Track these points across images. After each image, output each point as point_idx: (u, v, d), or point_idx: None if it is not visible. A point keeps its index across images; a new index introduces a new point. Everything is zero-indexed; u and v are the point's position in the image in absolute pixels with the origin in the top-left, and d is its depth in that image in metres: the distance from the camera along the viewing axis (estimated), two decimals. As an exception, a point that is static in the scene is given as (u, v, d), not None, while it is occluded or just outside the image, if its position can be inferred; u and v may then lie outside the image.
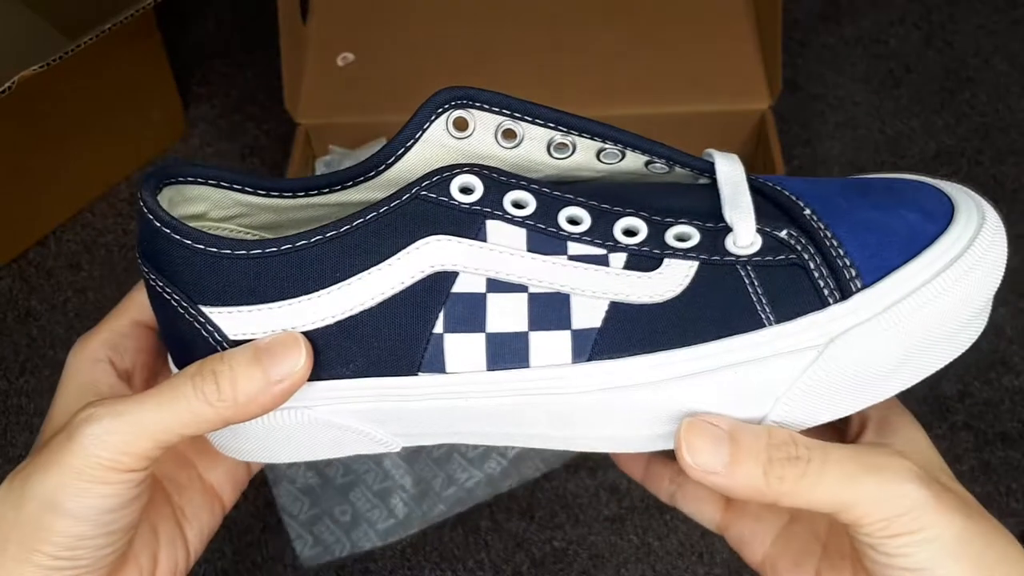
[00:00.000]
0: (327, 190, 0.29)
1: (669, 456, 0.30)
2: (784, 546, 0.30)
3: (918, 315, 0.25)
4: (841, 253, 0.25)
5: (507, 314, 0.26)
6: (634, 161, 0.28)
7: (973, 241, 0.25)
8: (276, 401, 0.26)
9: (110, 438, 0.25)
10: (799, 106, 0.88)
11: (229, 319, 0.27)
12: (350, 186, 0.29)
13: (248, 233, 0.31)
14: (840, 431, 0.30)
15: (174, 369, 0.29)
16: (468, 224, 0.26)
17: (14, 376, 0.77)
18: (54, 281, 0.82)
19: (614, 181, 0.29)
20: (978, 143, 0.86)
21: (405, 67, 0.77)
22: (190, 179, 0.29)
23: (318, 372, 0.27)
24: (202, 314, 0.27)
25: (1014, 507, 0.69)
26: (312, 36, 0.79)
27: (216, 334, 0.27)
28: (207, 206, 0.30)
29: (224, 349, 0.27)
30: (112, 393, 0.29)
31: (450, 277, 0.26)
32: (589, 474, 0.70)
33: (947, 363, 0.26)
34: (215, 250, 0.26)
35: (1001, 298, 0.75)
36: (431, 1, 0.81)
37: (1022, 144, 0.86)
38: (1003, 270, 0.26)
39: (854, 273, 0.25)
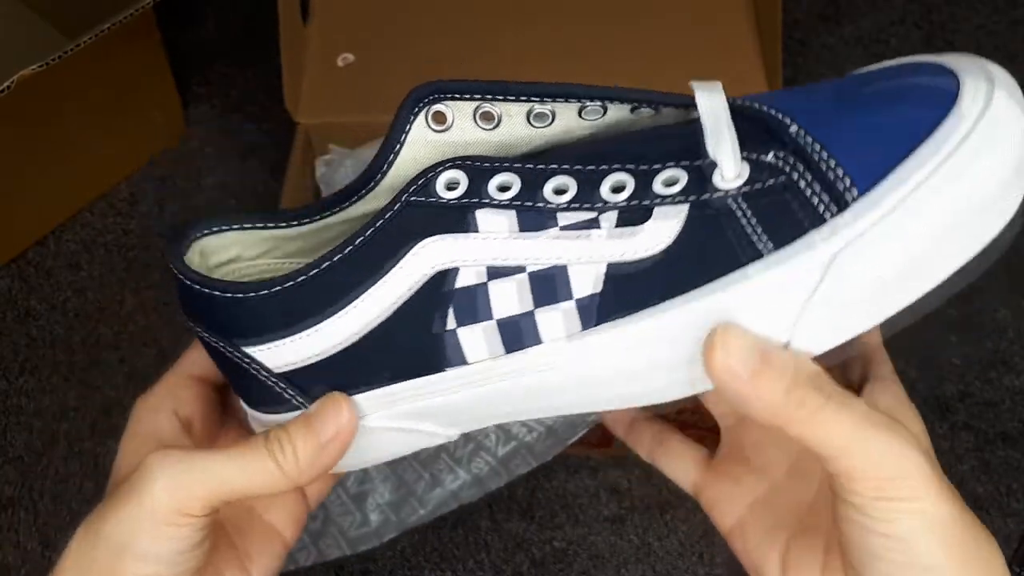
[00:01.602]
0: (337, 209, 0.30)
1: (654, 417, 0.34)
2: (759, 513, 0.31)
3: (920, 215, 0.23)
4: (832, 164, 0.24)
5: (510, 298, 0.27)
6: (619, 111, 0.28)
7: (977, 123, 0.23)
8: (333, 458, 0.28)
9: (181, 482, 0.27)
10: (799, 106, 0.88)
11: (268, 354, 0.28)
12: (356, 201, 0.30)
13: (284, 263, 0.32)
14: None
15: (246, 407, 0.31)
16: (459, 219, 0.27)
17: (13, 376, 0.77)
18: (53, 281, 0.82)
19: (602, 135, 0.29)
20: (978, 143, 0.86)
21: (405, 67, 0.77)
22: (214, 230, 0.30)
23: (358, 385, 0.28)
24: (246, 354, 0.28)
25: (1014, 507, 0.69)
26: (312, 36, 0.79)
27: (263, 370, 0.29)
28: (238, 249, 0.31)
29: (272, 382, 0.29)
30: (174, 441, 0.31)
31: (451, 273, 0.27)
32: (589, 474, 0.70)
33: (961, 265, 0.24)
34: (240, 294, 0.27)
35: (1002, 298, 0.75)
36: (431, 2, 0.81)
37: (1022, 144, 0.86)
38: (1019, 147, 0.23)
39: (848, 183, 0.24)
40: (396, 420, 0.29)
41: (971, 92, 0.24)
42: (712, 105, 0.26)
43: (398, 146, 0.28)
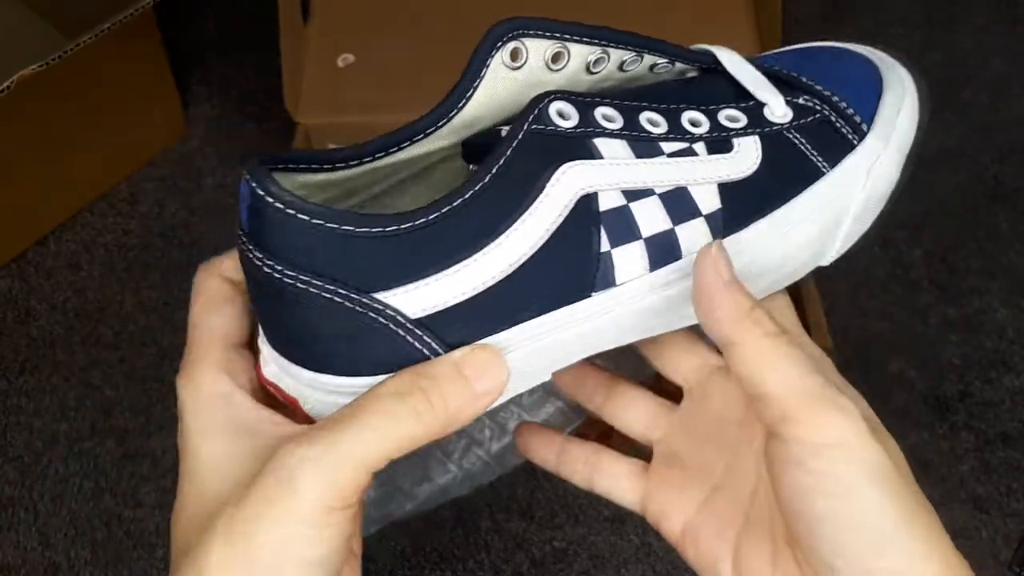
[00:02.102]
0: (395, 149, 0.29)
1: (581, 439, 0.35)
2: (707, 515, 0.31)
3: (901, 140, 0.31)
4: (844, 106, 0.31)
5: (652, 217, 0.28)
6: (643, 66, 0.31)
7: (906, 88, 0.32)
8: (479, 412, 0.26)
9: (329, 476, 0.24)
10: (799, 106, 0.88)
11: (406, 298, 0.26)
12: (420, 139, 0.29)
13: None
14: None
15: (301, 381, 0.28)
16: (580, 146, 0.27)
17: (14, 376, 0.77)
18: (53, 281, 0.82)
19: (633, 85, 0.31)
20: (978, 143, 0.86)
21: (405, 67, 0.77)
22: (273, 166, 0.28)
23: (505, 322, 0.27)
24: (377, 302, 0.26)
25: (1014, 507, 0.69)
26: (312, 36, 0.79)
27: (397, 318, 0.26)
28: (303, 192, 0.28)
29: (408, 330, 0.26)
30: (254, 418, 0.28)
31: (593, 198, 0.27)
32: (589, 474, 0.70)
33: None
34: (379, 229, 0.25)
35: (1002, 298, 0.75)
36: (431, 2, 0.81)
37: (1022, 144, 0.86)
38: (917, 102, 0.33)
39: (860, 119, 0.31)
40: (526, 360, 0.28)
41: (890, 75, 0.32)
42: (736, 61, 0.31)
43: (478, 80, 0.28)
